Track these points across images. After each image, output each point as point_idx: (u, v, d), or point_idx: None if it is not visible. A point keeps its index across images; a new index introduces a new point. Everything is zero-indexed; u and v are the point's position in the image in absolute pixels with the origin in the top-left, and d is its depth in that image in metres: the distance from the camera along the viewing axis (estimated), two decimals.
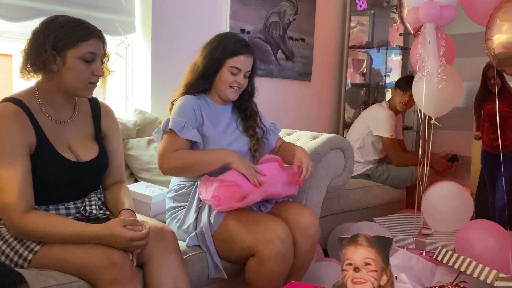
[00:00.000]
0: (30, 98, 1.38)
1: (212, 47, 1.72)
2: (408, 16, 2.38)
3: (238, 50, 1.69)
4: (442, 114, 2.44)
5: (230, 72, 1.70)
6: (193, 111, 1.69)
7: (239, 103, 1.83)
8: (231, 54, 1.69)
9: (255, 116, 1.85)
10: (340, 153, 2.16)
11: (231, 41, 1.71)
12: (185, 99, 1.72)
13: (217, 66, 1.70)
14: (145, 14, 2.53)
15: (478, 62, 3.02)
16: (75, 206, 1.43)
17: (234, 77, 1.71)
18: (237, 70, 1.70)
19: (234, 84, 1.72)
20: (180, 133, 1.63)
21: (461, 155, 3.35)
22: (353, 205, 2.93)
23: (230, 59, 1.69)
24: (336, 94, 3.77)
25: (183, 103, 1.70)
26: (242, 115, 1.84)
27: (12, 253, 1.30)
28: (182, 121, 1.65)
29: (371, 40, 3.89)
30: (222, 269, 1.63)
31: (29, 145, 1.32)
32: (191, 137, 1.65)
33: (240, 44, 1.71)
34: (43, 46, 1.30)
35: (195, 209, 1.69)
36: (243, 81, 1.73)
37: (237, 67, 1.70)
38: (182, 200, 1.75)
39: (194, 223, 1.67)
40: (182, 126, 1.64)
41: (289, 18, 3.26)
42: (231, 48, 1.69)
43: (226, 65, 1.70)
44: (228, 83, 1.71)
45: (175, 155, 1.62)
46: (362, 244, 1.31)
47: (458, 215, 2.48)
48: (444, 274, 1.93)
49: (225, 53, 1.69)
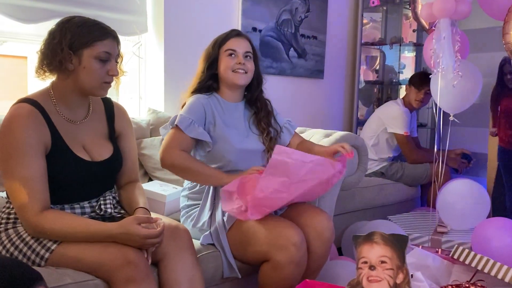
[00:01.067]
0: (45, 98, 1.39)
1: (206, 47, 1.82)
2: (422, 11, 2.35)
3: (227, 36, 1.79)
4: (461, 110, 2.41)
5: (227, 56, 1.76)
6: (203, 109, 1.71)
7: (250, 95, 1.84)
8: (222, 42, 1.78)
9: (266, 109, 1.86)
10: (354, 151, 2.14)
11: (222, 34, 1.81)
12: (196, 97, 1.74)
13: (215, 55, 1.77)
14: (157, 14, 2.54)
15: (494, 57, 2.97)
16: (90, 205, 1.44)
17: (233, 59, 1.75)
18: (233, 51, 1.76)
19: (235, 66, 1.75)
20: (185, 130, 1.65)
21: (477, 152, 3.30)
22: (368, 203, 2.91)
23: (223, 45, 1.77)
24: (349, 92, 3.74)
25: (193, 101, 1.73)
26: (254, 108, 1.84)
27: (30, 252, 1.31)
28: (189, 119, 1.66)
29: (384, 36, 3.85)
30: (236, 268, 1.62)
31: (45, 145, 1.33)
32: (196, 135, 1.66)
33: (228, 32, 1.81)
34: (59, 46, 1.32)
35: (209, 207, 1.69)
36: (245, 61, 1.76)
37: (231, 48, 1.76)
38: (196, 198, 1.75)
39: (209, 221, 1.67)
40: (189, 124, 1.66)
41: (301, 16, 3.24)
42: (221, 37, 1.80)
43: (222, 51, 1.77)
44: (230, 66, 1.75)
45: (179, 154, 1.63)
46: (378, 242, 1.30)
47: (474, 212, 2.44)
48: (461, 273, 1.90)
49: (217, 43, 1.79)
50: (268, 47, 3.06)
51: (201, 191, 1.74)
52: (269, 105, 1.88)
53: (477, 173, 3.38)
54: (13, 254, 1.32)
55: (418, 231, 2.53)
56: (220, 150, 1.71)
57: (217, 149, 1.71)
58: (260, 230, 1.56)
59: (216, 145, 1.71)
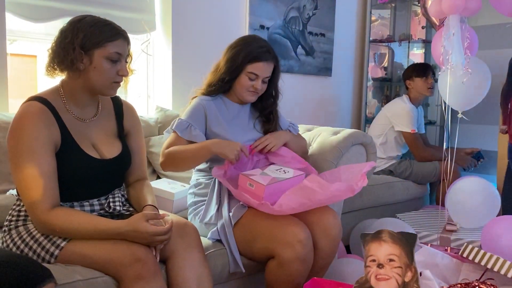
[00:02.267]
0: (55, 96, 1.40)
1: (235, 51, 1.75)
2: (431, 7, 2.33)
3: (259, 57, 1.73)
4: (469, 107, 2.39)
5: (248, 78, 1.74)
6: (203, 111, 1.74)
7: (261, 106, 1.86)
8: (251, 60, 1.72)
9: (277, 121, 1.89)
10: (362, 149, 2.14)
11: (253, 47, 1.74)
12: (199, 99, 1.78)
13: (236, 72, 1.74)
14: (165, 12, 2.55)
15: (503, 54, 2.94)
16: (99, 203, 1.45)
17: (251, 82, 1.75)
18: (255, 76, 1.74)
19: (251, 88, 1.76)
20: (181, 134, 1.70)
21: (487, 149, 3.27)
22: (376, 201, 2.89)
23: (250, 65, 1.73)
24: (357, 89, 3.73)
25: (194, 105, 1.76)
26: (264, 118, 1.88)
27: (40, 249, 1.33)
28: (187, 122, 1.71)
29: (392, 33, 3.83)
30: (240, 263, 1.63)
31: (54, 143, 1.35)
32: (191, 137, 1.70)
33: (261, 51, 1.74)
34: (71, 45, 1.33)
35: (215, 200, 1.71)
36: (261, 86, 1.77)
37: (256, 73, 1.73)
38: (202, 195, 1.77)
39: (216, 215, 1.68)
40: (185, 127, 1.71)
41: (309, 13, 3.23)
42: (253, 54, 1.72)
43: (245, 71, 1.73)
44: (246, 87, 1.76)
45: (167, 151, 1.68)
46: (386, 240, 1.29)
47: (484, 210, 2.42)
48: (470, 271, 1.89)
49: (245, 59, 1.72)
50: (276, 45, 3.05)
51: (206, 186, 1.76)
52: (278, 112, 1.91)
53: (487, 170, 3.35)
54: (23, 251, 1.33)
55: (427, 229, 2.51)
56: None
57: None
58: (266, 226, 1.57)
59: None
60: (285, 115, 1.99)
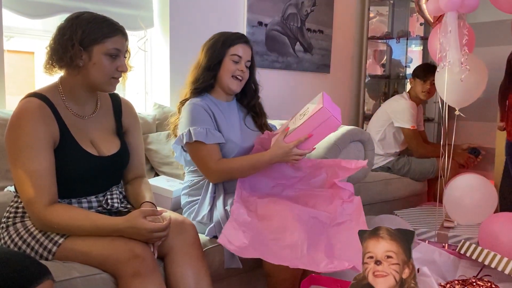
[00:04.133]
0: (53, 93, 1.40)
1: (213, 41, 1.81)
2: (429, 5, 2.33)
3: (237, 40, 1.79)
4: (466, 104, 2.39)
5: (232, 61, 1.77)
6: (206, 113, 1.73)
7: (246, 101, 1.88)
8: (231, 44, 1.78)
9: (265, 114, 1.92)
10: (360, 146, 2.14)
11: (229, 34, 1.82)
12: (192, 104, 1.73)
13: (220, 56, 1.77)
14: (162, 9, 2.54)
15: (501, 51, 2.94)
16: (97, 200, 1.45)
17: (236, 66, 1.77)
18: (239, 58, 1.78)
19: (236, 72, 1.78)
20: (206, 140, 1.66)
21: (485, 146, 3.28)
22: (374, 198, 2.90)
23: (231, 48, 1.78)
24: (355, 86, 3.72)
25: (193, 109, 1.72)
26: (252, 113, 1.90)
27: (37, 245, 1.33)
28: (203, 128, 1.68)
29: (390, 30, 3.83)
30: (237, 258, 1.63)
31: (53, 139, 1.34)
32: (217, 139, 1.69)
33: (237, 35, 1.82)
34: (70, 42, 1.32)
35: (209, 201, 1.71)
36: (245, 70, 1.79)
37: (238, 54, 1.78)
38: (196, 194, 1.77)
39: (208, 215, 1.69)
40: (206, 133, 1.67)
41: (307, 10, 3.23)
42: (230, 39, 1.79)
43: (228, 54, 1.77)
44: (231, 71, 1.77)
45: (219, 164, 1.67)
46: (384, 237, 1.29)
47: (481, 207, 2.43)
48: (468, 268, 1.89)
49: (226, 44, 1.78)
50: (274, 42, 3.05)
51: (200, 186, 1.76)
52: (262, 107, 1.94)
53: (485, 167, 3.36)
54: (21, 248, 1.33)
55: (424, 226, 2.52)
56: (225, 150, 1.73)
57: (224, 146, 1.73)
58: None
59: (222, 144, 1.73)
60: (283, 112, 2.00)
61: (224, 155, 1.72)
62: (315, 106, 1.58)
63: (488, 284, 1.68)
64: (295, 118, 1.68)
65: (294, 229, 1.47)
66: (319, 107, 1.55)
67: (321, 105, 1.55)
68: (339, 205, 1.64)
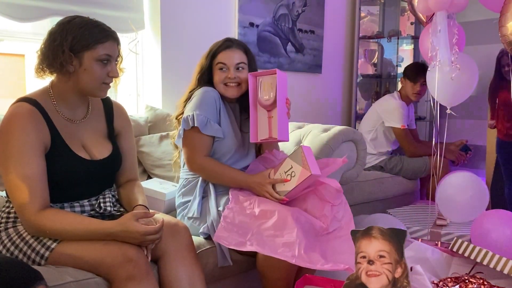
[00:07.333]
0: (44, 98, 1.39)
1: (203, 55, 1.81)
2: (418, 4, 2.35)
3: (219, 48, 1.77)
4: (457, 103, 2.41)
5: (219, 70, 1.75)
6: (215, 103, 1.72)
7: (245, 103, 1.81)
8: (214, 54, 1.77)
9: None
10: (353, 145, 2.15)
11: (214, 44, 1.80)
12: (206, 90, 1.74)
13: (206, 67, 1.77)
14: (153, 11, 2.53)
15: (491, 50, 2.96)
16: (89, 204, 1.44)
17: (224, 73, 1.75)
18: (223, 65, 1.75)
19: (226, 80, 1.75)
20: (203, 130, 1.67)
21: (476, 144, 3.31)
22: (367, 197, 2.91)
23: (216, 58, 1.76)
24: (347, 86, 3.74)
25: (205, 96, 1.72)
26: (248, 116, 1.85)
27: (29, 251, 1.32)
28: (205, 117, 1.68)
29: (381, 30, 3.85)
30: (228, 256, 1.64)
31: (44, 144, 1.34)
32: (213, 132, 1.69)
33: (222, 42, 1.79)
34: (60, 48, 1.31)
35: (199, 198, 1.72)
36: (237, 74, 1.75)
37: (222, 62, 1.75)
38: (189, 194, 1.77)
39: (198, 209, 1.70)
40: (205, 123, 1.68)
41: (298, 10, 3.23)
42: (214, 49, 1.78)
43: (214, 64, 1.76)
44: (221, 81, 1.75)
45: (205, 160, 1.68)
46: (376, 236, 1.30)
47: (473, 205, 2.45)
48: (460, 265, 1.91)
49: (209, 55, 1.78)
50: (265, 42, 3.05)
51: (193, 186, 1.77)
52: None
53: (476, 165, 3.39)
54: (13, 253, 1.32)
55: (417, 224, 2.54)
56: (222, 146, 1.73)
57: (219, 144, 1.73)
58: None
59: (219, 141, 1.73)
60: None
61: (214, 150, 1.73)
62: (300, 170, 1.58)
63: (480, 281, 1.69)
64: (279, 172, 1.65)
65: (293, 227, 1.48)
66: (307, 174, 1.56)
67: (308, 172, 1.56)
68: (329, 210, 1.63)
